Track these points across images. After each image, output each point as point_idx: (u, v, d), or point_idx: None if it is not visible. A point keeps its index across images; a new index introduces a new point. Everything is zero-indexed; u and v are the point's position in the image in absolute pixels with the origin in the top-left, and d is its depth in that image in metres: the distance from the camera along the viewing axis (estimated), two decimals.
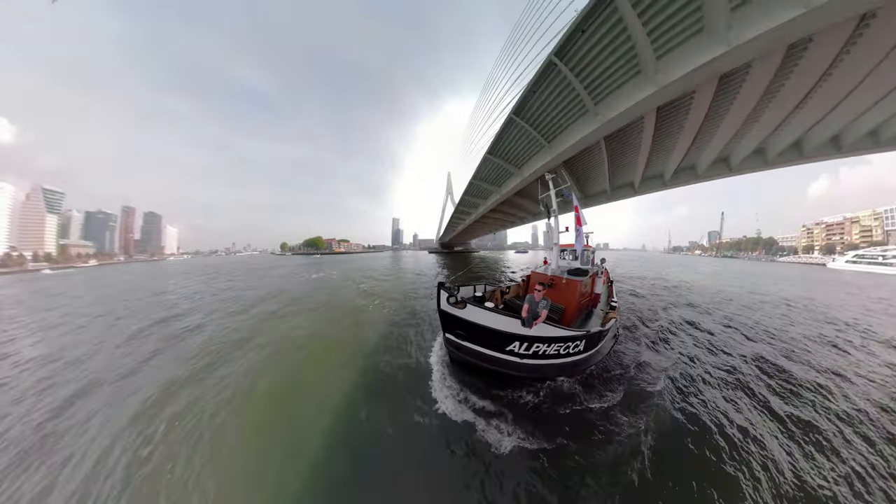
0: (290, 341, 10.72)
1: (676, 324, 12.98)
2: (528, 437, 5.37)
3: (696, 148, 19.25)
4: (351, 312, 15.15)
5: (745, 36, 8.47)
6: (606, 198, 32.37)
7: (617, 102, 12.31)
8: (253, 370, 8.31)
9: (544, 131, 16.63)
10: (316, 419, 6.06)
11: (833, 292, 24.38)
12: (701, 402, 6.65)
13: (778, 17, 8.01)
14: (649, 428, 5.65)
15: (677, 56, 9.93)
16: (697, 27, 9.29)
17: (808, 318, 14.75)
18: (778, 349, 10.09)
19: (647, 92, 10.87)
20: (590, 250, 12.52)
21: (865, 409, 6.50)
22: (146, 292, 24.36)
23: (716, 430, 5.64)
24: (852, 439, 5.54)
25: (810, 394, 7.16)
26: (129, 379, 8.05)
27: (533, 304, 6.69)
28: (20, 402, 7.08)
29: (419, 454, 5.18)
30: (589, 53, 11.06)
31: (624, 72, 11.29)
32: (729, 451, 5.13)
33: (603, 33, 10.23)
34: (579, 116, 14.47)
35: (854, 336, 11.82)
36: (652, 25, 9.49)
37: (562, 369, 7.22)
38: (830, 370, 8.52)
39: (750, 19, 8.43)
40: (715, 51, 8.95)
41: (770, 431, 5.69)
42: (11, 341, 11.96)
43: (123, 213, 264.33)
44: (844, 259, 63.42)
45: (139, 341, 11.20)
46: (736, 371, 8.28)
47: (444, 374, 7.61)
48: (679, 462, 4.96)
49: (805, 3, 7.71)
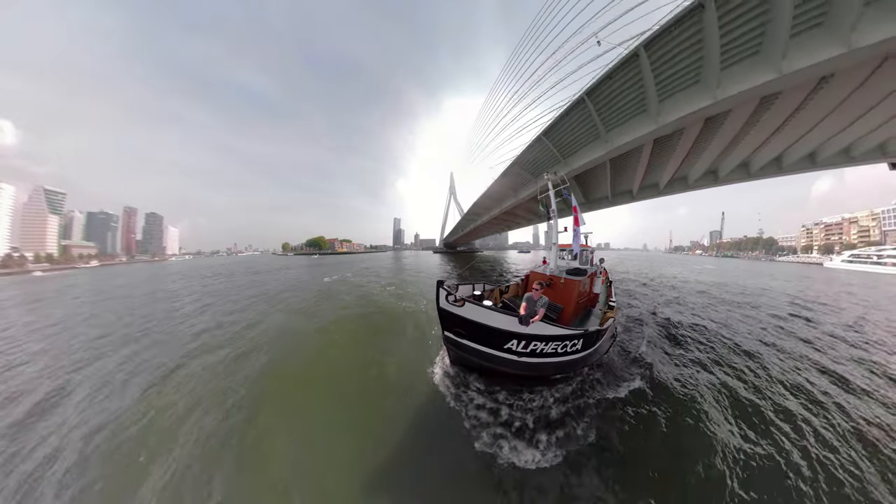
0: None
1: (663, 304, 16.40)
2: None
3: (686, 164, 21.96)
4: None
5: (728, 92, 11.10)
6: (608, 203, 35.04)
7: (624, 133, 14.99)
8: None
9: (563, 150, 19.40)
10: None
11: (808, 285, 27.43)
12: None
13: (755, 80, 10.60)
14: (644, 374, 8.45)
15: (676, 101, 12.58)
16: (694, 80, 11.90)
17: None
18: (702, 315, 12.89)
19: (649, 128, 13.57)
20: (588, 250, 12.81)
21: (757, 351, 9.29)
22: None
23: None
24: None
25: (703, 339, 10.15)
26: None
27: (531, 302, 6.90)
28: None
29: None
30: (610, 94, 13.83)
31: (633, 110, 13.96)
32: (683, 384, 7.81)
33: (624, 80, 12.91)
34: (592, 140, 17.14)
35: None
36: (661, 77, 12.13)
37: (559, 368, 7.28)
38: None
39: (735, 79, 11.00)
40: (704, 101, 11.59)
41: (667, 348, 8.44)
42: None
43: (125, 213, 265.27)
44: (840, 259, 66.05)
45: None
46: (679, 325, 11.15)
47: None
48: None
49: (776, 69, 10.33)
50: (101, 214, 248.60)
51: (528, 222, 60.07)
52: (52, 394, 8.12)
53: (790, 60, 9.92)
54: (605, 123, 15.33)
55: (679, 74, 11.79)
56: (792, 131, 17.01)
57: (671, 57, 11.34)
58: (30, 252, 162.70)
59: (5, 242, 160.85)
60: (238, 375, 8.81)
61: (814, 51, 9.52)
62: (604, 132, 15.70)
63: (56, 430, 6.52)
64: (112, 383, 8.58)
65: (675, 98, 12.59)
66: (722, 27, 10.08)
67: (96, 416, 6.99)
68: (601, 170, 23.16)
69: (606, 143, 16.02)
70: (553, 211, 10.34)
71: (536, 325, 6.32)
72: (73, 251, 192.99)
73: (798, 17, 9.35)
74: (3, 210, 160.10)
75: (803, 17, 9.37)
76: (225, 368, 9.35)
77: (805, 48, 9.65)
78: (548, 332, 6.47)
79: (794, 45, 9.82)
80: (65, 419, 6.90)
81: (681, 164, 21.45)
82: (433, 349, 10.36)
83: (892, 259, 55.75)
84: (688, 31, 10.49)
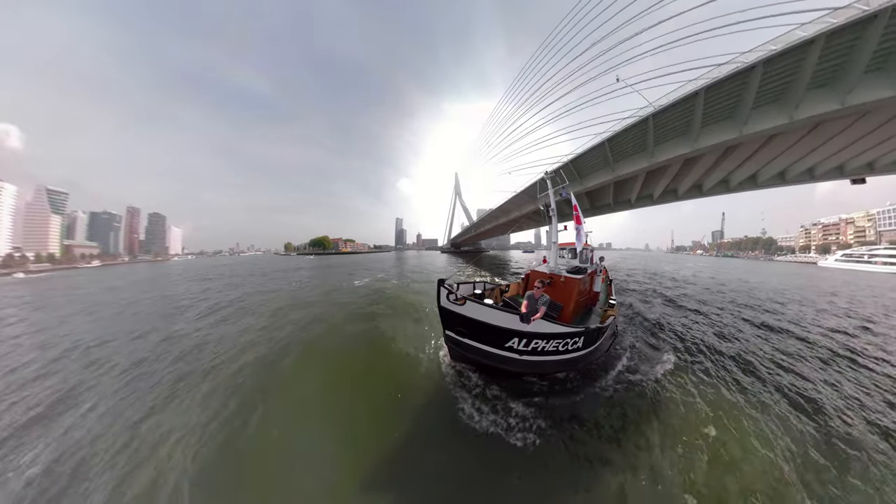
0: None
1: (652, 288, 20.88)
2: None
3: (675, 182, 26.26)
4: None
5: (703, 144, 15.28)
6: (609, 209, 39.26)
7: (627, 165, 19.27)
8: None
9: (581, 173, 23.98)
10: None
11: (789, 280, 31.81)
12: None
13: (722, 136, 14.78)
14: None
15: (666, 146, 16.79)
16: (682, 132, 16.05)
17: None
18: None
19: (645, 164, 17.93)
20: (588, 249, 13.06)
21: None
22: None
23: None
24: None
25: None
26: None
27: (532, 301, 6.90)
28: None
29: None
30: (622, 140, 18.13)
31: (635, 150, 18.25)
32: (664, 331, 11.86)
33: (635, 133, 17.15)
34: (602, 168, 21.36)
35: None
36: (659, 131, 16.34)
37: (560, 366, 7.28)
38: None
39: (709, 136, 15.19)
40: (685, 149, 15.83)
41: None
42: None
43: (128, 213, 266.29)
44: (834, 258, 68.58)
45: None
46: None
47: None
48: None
49: (738, 130, 14.43)
50: (105, 214, 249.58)
51: (538, 224, 64.64)
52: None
53: (750, 125, 14.10)
54: (614, 157, 19.65)
55: (672, 130, 16.03)
56: (761, 158, 21.21)
57: (670, 121, 15.65)
58: (31, 252, 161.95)
59: (6, 242, 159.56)
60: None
61: (767, 119, 13.67)
62: (612, 163, 19.93)
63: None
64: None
65: (665, 144, 16.80)
66: (707, 104, 14.22)
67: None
68: (606, 186, 27.38)
69: (613, 171, 20.31)
70: (553, 209, 10.49)
71: (537, 324, 6.36)
72: (75, 251, 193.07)
73: (758, 98, 13.46)
74: (5, 210, 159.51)
75: (763, 97, 13.48)
76: None
77: (762, 117, 13.81)
78: (549, 331, 6.51)
79: (754, 115, 13.98)
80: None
81: (671, 181, 25.72)
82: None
83: (880, 258, 58.57)
84: (685, 105, 14.66)
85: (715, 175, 23.95)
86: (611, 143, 18.65)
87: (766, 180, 25.61)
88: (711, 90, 13.49)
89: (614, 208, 38.54)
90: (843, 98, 12.00)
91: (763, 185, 26.58)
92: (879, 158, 19.96)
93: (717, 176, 24.10)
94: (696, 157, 18.75)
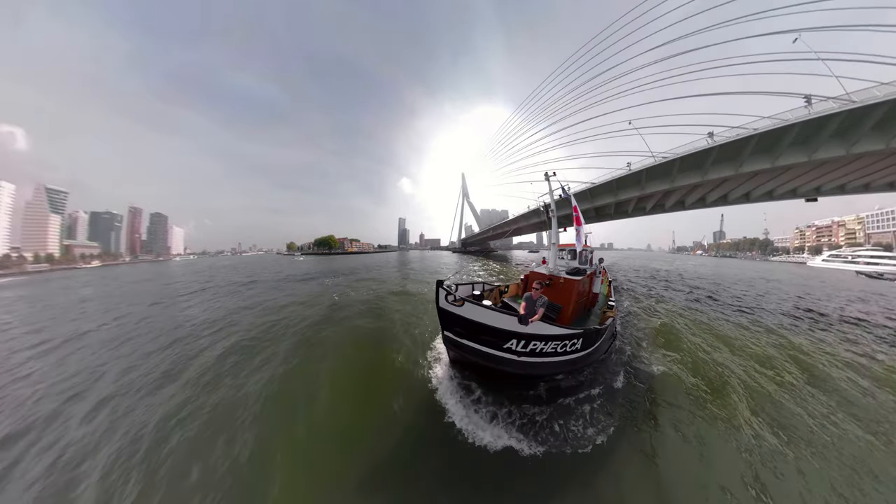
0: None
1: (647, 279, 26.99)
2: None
3: (662, 199, 32.96)
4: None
5: (679, 183, 21.71)
6: (609, 217, 45.77)
7: (625, 192, 26.06)
8: None
9: (593, 196, 30.66)
10: None
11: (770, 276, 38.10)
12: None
13: (689, 180, 21.24)
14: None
15: (653, 183, 23.23)
16: (664, 175, 22.39)
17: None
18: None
19: (638, 193, 24.59)
20: (588, 250, 12.83)
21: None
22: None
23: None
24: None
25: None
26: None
27: (531, 302, 6.93)
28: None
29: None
30: (626, 179, 24.72)
31: (631, 183, 24.57)
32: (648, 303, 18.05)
33: (637, 176, 23.67)
34: (608, 193, 28.00)
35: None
36: (651, 176, 22.74)
37: (559, 367, 7.27)
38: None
39: (683, 177, 21.60)
40: (665, 186, 22.44)
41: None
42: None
43: (130, 213, 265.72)
44: (821, 258, 73.37)
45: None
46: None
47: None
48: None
49: (701, 175, 20.74)
50: (106, 214, 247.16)
51: (531, 232, 72.11)
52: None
53: (710, 174, 20.53)
54: (618, 188, 26.30)
55: (659, 174, 22.46)
56: (727, 186, 27.73)
57: (660, 172, 22.17)
58: (30, 252, 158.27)
59: (4, 242, 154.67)
60: None
61: (722, 170, 20.02)
62: (615, 191, 26.53)
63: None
64: None
65: (653, 182, 23.37)
66: (682, 162, 20.48)
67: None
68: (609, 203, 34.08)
69: (616, 197, 27.03)
70: (552, 209, 10.38)
71: (536, 325, 6.34)
72: (75, 251, 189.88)
73: (719, 159, 19.63)
74: (3, 209, 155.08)
75: (723, 156, 19.64)
76: None
77: (722, 167, 20.15)
78: (547, 332, 6.52)
79: (712, 168, 20.35)
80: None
81: (657, 200, 32.45)
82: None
83: (862, 259, 62.10)
84: (669, 166, 20.98)
85: (694, 195, 30.59)
86: (619, 181, 25.48)
87: (735, 199, 32.14)
88: (686, 159, 20.22)
89: (614, 216, 45.07)
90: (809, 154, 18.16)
91: (732, 203, 33.08)
92: (824, 185, 26.56)
93: (696, 195, 30.71)
94: (677, 190, 25.29)
